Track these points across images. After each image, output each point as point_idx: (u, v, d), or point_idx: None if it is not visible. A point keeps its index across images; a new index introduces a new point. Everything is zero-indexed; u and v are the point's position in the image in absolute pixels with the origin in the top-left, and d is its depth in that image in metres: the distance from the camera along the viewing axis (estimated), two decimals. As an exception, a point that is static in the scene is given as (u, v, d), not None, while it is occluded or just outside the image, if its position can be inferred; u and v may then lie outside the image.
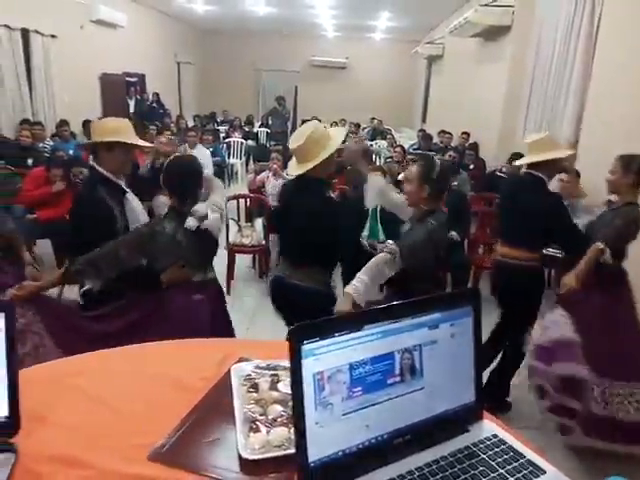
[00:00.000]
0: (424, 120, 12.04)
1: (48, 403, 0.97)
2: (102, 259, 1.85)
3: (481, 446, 0.88)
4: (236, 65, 14.29)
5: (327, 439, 0.80)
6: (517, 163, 2.98)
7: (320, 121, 3.83)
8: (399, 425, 0.86)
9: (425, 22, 10.99)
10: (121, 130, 2.16)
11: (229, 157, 9.14)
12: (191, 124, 9.71)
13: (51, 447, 0.87)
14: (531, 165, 2.60)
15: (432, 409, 0.89)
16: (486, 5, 6.31)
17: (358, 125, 10.87)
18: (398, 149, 6.07)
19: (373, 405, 0.83)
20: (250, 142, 10.04)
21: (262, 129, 11.03)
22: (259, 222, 5.02)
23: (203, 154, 6.33)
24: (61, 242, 4.31)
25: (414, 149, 7.73)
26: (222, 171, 7.92)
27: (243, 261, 4.82)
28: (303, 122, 10.38)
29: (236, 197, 4.73)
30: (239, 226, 4.84)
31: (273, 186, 5.19)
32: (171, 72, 12.38)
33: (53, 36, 7.26)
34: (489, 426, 0.94)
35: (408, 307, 0.87)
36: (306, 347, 0.77)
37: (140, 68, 10.34)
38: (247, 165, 9.87)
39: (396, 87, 14.23)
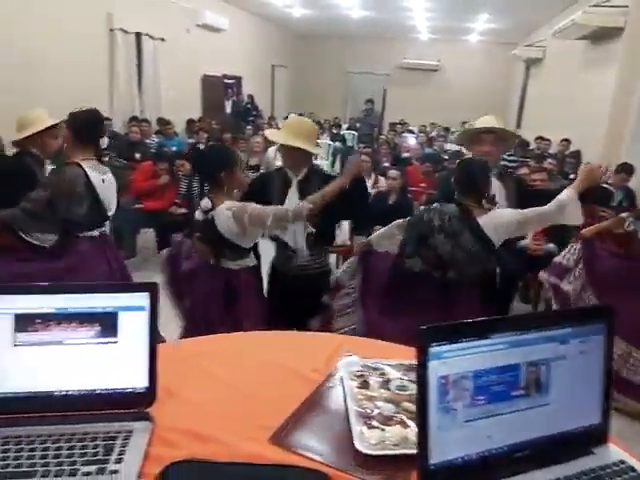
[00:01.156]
0: (519, 125, 11.52)
1: (175, 379, 1.05)
2: None
3: (608, 471, 0.84)
4: (326, 68, 14.50)
5: (448, 444, 0.80)
6: None
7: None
8: (520, 439, 0.84)
9: (526, 24, 10.51)
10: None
11: (316, 158, 9.29)
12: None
13: (181, 420, 0.95)
14: None
15: (555, 427, 0.86)
16: (596, 5, 5.93)
17: (447, 129, 10.62)
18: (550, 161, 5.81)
19: (495, 416, 0.82)
20: (337, 144, 10.15)
21: (349, 131, 11.12)
22: (345, 223, 5.07)
23: (275, 153, 6.49)
24: (163, 231, 4.64)
25: (508, 155, 7.42)
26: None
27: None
28: (391, 125, 10.32)
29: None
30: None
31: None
32: (266, 74, 12.82)
33: (162, 39, 7.79)
34: (616, 451, 0.89)
35: (538, 319, 0.85)
36: (434, 349, 0.78)
37: (237, 71, 10.81)
38: (332, 167, 10.00)
39: (489, 91, 13.72)
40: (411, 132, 10.34)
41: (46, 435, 0.87)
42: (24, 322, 0.91)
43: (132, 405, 0.93)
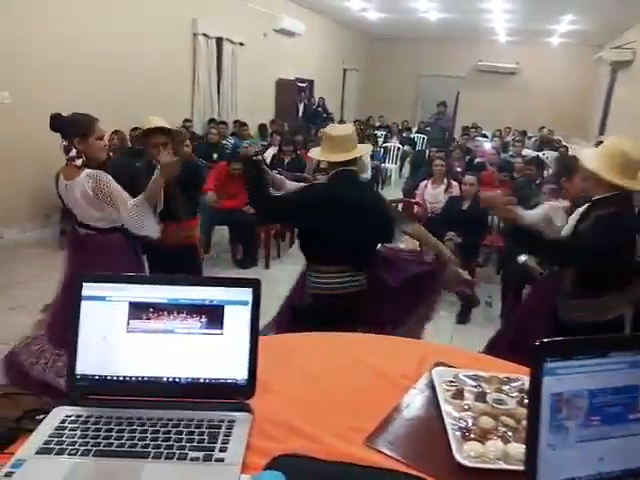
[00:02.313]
0: (601, 132, 10.87)
1: (271, 373, 1.08)
2: None
3: None
4: (398, 71, 14.39)
5: (558, 463, 0.76)
6: None
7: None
8: (634, 465, 0.79)
9: (614, 25, 9.89)
10: None
11: (385, 161, 9.25)
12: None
13: (278, 414, 0.97)
14: None
15: (675, 456, 0.80)
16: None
17: (524, 132, 10.22)
18: None
19: (609, 438, 0.78)
20: (406, 147, 10.05)
21: (419, 135, 10.97)
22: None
23: (366, 157, 6.50)
24: (237, 229, 4.81)
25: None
26: (376, 175, 8.06)
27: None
28: (463, 129, 10.06)
29: (393, 202, 4.77)
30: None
31: (433, 195, 5.13)
32: (337, 78, 12.93)
33: (241, 44, 8.05)
34: None
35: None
36: (548, 365, 0.75)
37: (310, 74, 10.98)
38: (401, 170, 9.91)
39: (570, 95, 13.05)
40: (484, 137, 10.04)
41: (156, 418, 0.92)
42: (138, 310, 0.97)
43: (233, 396, 0.97)
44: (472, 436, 0.91)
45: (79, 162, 2.24)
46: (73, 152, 2.24)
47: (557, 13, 9.26)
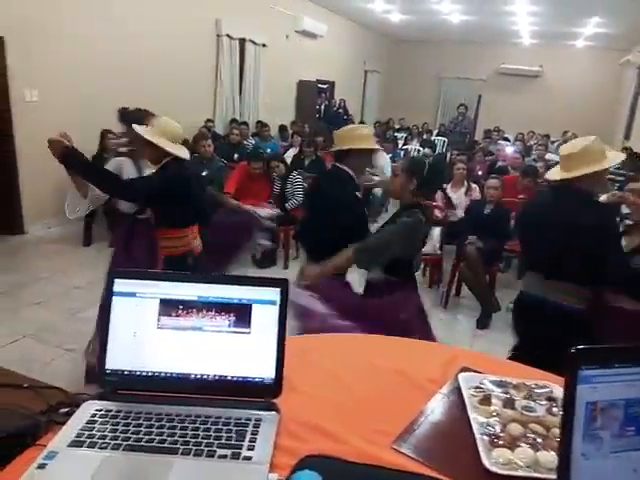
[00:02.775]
0: (627, 137, 10.65)
1: (297, 374, 1.08)
2: (379, 250, 2.10)
3: None
4: (419, 73, 14.33)
5: (591, 473, 0.75)
6: None
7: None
8: (670, 478, 0.78)
9: (643, 27, 9.70)
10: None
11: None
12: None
13: (304, 414, 0.97)
14: None
15: None
16: None
17: (547, 136, 10.09)
18: None
19: (645, 449, 0.76)
20: (427, 150, 9.98)
21: (439, 137, 10.90)
22: (437, 231, 4.97)
23: (385, 159, 6.48)
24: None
25: (616, 169, 6.89)
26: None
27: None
28: (485, 132, 9.95)
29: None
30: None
31: (453, 198, 5.09)
32: (358, 80, 12.92)
33: (264, 45, 8.10)
34: None
35: None
36: (584, 373, 0.74)
37: (331, 75, 10.99)
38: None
39: (595, 99, 12.83)
40: (506, 140, 9.93)
41: (184, 415, 0.93)
42: (168, 307, 0.98)
43: (260, 395, 0.97)
44: (500, 442, 0.90)
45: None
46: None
47: (584, 16, 9.12)
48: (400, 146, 9.57)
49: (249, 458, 0.83)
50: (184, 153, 2.47)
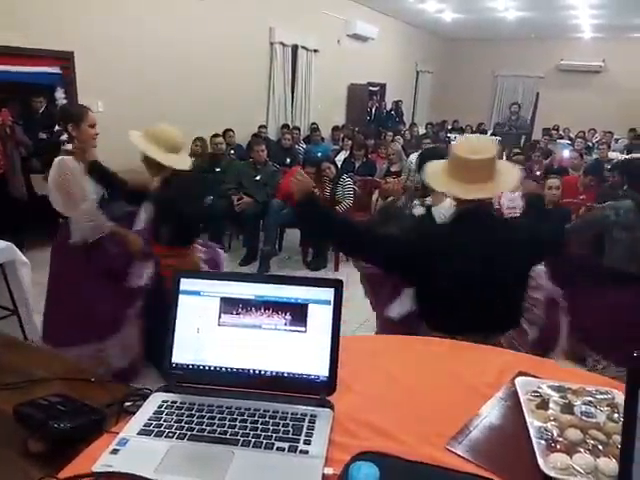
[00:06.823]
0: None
1: (353, 373, 1.10)
2: None
3: None
4: (473, 71, 13.98)
5: (655, 482, 0.73)
6: None
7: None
8: None
9: None
10: None
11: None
12: (422, 132, 9.89)
13: (359, 412, 0.99)
14: None
15: None
16: None
17: (611, 133, 9.62)
18: None
19: None
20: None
21: (494, 137, 10.59)
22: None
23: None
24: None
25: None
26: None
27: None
28: (544, 130, 9.59)
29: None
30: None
31: (510, 198, 4.95)
32: (410, 81, 12.79)
33: (315, 50, 8.19)
34: None
35: None
36: (647, 379, 0.72)
37: (382, 78, 10.94)
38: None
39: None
40: (568, 138, 9.55)
41: (243, 408, 0.97)
42: (228, 305, 1.04)
43: (315, 392, 1.00)
44: (558, 447, 0.89)
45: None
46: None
47: (651, 6, 8.62)
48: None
49: (306, 452, 0.86)
50: (183, 163, 2.31)
